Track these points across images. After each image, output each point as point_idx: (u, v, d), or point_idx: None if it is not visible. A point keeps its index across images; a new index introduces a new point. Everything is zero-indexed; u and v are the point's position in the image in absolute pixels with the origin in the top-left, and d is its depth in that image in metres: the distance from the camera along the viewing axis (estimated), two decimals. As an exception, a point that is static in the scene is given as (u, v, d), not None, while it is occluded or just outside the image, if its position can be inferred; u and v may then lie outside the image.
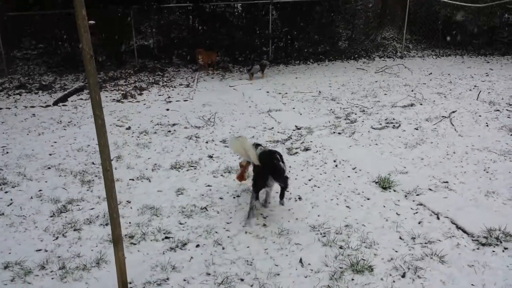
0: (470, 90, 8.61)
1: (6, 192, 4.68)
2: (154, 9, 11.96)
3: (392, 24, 15.00)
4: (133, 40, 12.44)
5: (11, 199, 4.48)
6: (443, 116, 6.83)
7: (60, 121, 7.44)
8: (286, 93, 9.06)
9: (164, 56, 13.08)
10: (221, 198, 4.42)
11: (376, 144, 5.86)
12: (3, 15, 11.57)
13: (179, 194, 4.54)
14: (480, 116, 6.82)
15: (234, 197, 4.43)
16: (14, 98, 9.35)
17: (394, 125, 6.57)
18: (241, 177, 4.59)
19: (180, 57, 13.02)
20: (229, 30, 12.59)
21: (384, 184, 4.50)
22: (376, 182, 4.62)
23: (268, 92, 9.22)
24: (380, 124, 6.71)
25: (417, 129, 6.35)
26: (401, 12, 13.66)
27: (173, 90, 9.69)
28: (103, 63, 12.69)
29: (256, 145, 4.36)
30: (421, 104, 7.65)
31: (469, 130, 6.20)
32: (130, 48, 12.66)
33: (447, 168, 4.94)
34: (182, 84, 10.27)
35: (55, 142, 6.37)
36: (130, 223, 3.93)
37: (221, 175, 5.01)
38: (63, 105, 8.56)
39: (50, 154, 5.85)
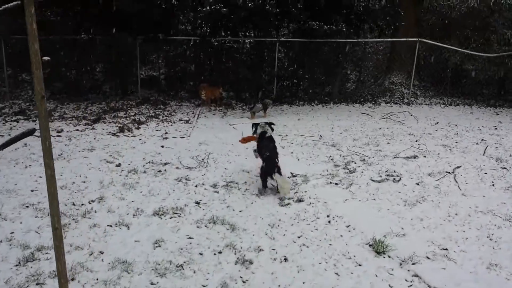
0: (477, 143, 8.31)
1: (-25, 231, 4.40)
2: (161, 40, 11.94)
3: (400, 69, 14.87)
4: (138, 71, 12.38)
5: (-19, 240, 4.20)
6: (446, 172, 6.51)
7: (50, 153, 7.21)
8: (286, 135, 8.81)
9: (168, 89, 12.99)
10: (201, 254, 4.10)
11: (374, 199, 5.53)
12: (10, 38, 11.60)
13: (156, 246, 4.22)
14: (486, 173, 6.49)
15: (215, 254, 4.11)
16: (10, 125, 9.21)
17: (394, 179, 6.25)
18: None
19: (184, 91, 12.92)
20: (235, 66, 12.53)
21: (378, 248, 4.16)
22: (370, 245, 4.28)
23: (268, 133, 8.98)
24: (380, 176, 6.40)
25: (418, 185, 6.03)
26: (410, 58, 13.55)
27: (171, 125, 9.49)
28: (106, 93, 12.63)
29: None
30: (424, 157, 7.34)
31: (474, 189, 5.87)
32: (135, 79, 12.58)
33: (447, 232, 4.59)
34: (182, 120, 10.08)
35: (40, 176, 6.11)
36: (97, 279, 3.61)
37: (205, 226, 4.70)
38: (57, 135, 8.37)
39: (32, 191, 5.59)
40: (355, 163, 7.05)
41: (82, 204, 5.20)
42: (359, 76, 14.59)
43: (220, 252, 4.14)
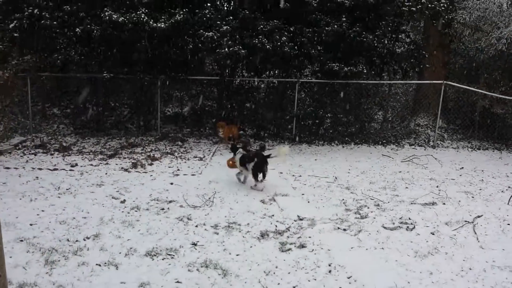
0: (502, 191, 7.79)
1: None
2: (181, 80, 12.12)
3: (427, 111, 14.47)
4: (159, 108, 12.54)
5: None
6: (466, 221, 6.07)
7: (59, 187, 7.22)
8: (300, 176, 8.55)
9: (187, 126, 13.07)
10: (185, 301, 3.85)
11: (382, 248, 5.17)
12: (38, 76, 12.06)
13: (140, 290, 4.01)
14: (508, 224, 6.01)
15: (200, 301, 3.85)
16: (28, 157, 9.37)
17: (408, 227, 5.86)
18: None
19: (203, 128, 12.96)
20: (254, 105, 12.51)
21: (378, 305, 3.80)
22: (369, 300, 3.92)
23: (281, 173, 8.76)
24: (393, 223, 6.02)
25: (433, 234, 5.62)
26: (436, 100, 13.19)
27: (185, 162, 9.42)
28: (129, 129, 12.81)
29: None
30: (443, 204, 6.91)
31: (493, 241, 5.41)
32: (156, 116, 12.74)
33: (458, 289, 4.18)
34: (196, 157, 10.01)
35: (43, 211, 6.09)
36: (69, 324, 3.42)
37: (197, 269, 4.47)
38: (70, 170, 8.42)
39: (31, 224, 5.54)
40: (368, 207, 6.70)
41: (77, 241, 5.08)
42: (383, 117, 14.27)
43: (206, 301, 3.89)
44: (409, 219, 6.19)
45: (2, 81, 9.81)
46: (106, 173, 8.29)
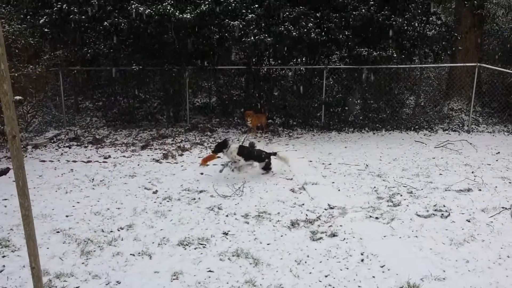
0: (542, 176, 7.49)
1: (3, 256, 4.50)
2: (209, 70, 12.15)
3: (461, 94, 14.01)
4: (187, 99, 12.64)
5: (3, 266, 4.27)
6: (503, 207, 5.85)
7: (93, 179, 7.41)
8: (330, 164, 8.46)
9: (216, 116, 13.14)
10: (217, 290, 3.88)
11: (416, 236, 5.05)
12: (69, 70, 12.35)
13: (174, 279, 4.07)
14: (550, 210, 5.76)
15: (232, 290, 3.88)
16: (62, 150, 9.64)
17: (442, 214, 5.71)
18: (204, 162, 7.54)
19: (232, 118, 12.99)
20: (282, 94, 12.43)
21: (412, 294, 3.73)
22: (403, 289, 3.85)
23: (311, 161, 8.69)
24: (427, 210, 5.87)
25: (469, 221, 5.45)
26: (470, 83, 12.74)
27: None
28: (159, 120, 12.98)
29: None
30: (479, 190, 6.69)
31: (533, 228, 5.20)
32: (185, 107, 12.86)
33: (495, 277, 4.04)
34: (226, 147, 10.05)
35: (78, 202, 6.26)
36: (106, 312, 3.51)
37: (229, 259, 4.49)
38: (103, 162, 8.62)
39: (66, 216, 5.70)
40: (401, 195, 6.56)
41: (111, 231, 5.20)
42: (415, 102, 13.90)
43: (239, 289, 3.91)
44: (444, 206, 6.02)
45: (35, 76, 10.09)
46: (138, 164, 8.44)
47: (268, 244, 4.85)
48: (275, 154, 7.82)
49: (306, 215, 5.75)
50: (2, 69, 1.94)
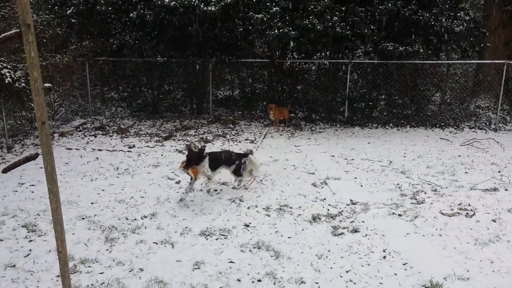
0: None
1: (30, 240, 4.64)
2: (232, 62, 12.16)
3: (488, 92, 13.67)
4: (210, 91, 12.70)
5: (30, 250, 4.40)
6: (531, 208, 5.72)
7: (117, 168, 7.54)
8: (353, 159, 8.39)
9: (239, 109, 13.17)
10: (238, 280, 3.92)
11: (440, 235, 4.98)
12: (96, 60, 12.55)
13: (195, 268, 4.12)
14: None
15: (253, 282, 3.90)
16: (88, 139, 9.83)
17: (467, 213, 5.61)
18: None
19: (255, 111, 13.00)
20: (305, 87, 12.35)
21: (435, 293, 3.68)
22: (426, 288, 3.80)
23: (333, 156, 8.64)
24: (452, 209, 5.78)
25: (494, 221, 5.34)
26: (499, 80, 12.42)
27: (236, 144, 9.52)
28: (183, 111, 13.09)
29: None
30: (506, 190, 6.53)
31: None
32: (208, 99, 12.93)
33: (523, 279, 3.96)
34: (248, 139, 10.08)
35: (103, 190, 6.38)
36: (130, 297, 3.58)
37: (250, 250, 4.52)
38: (127, 151, 8.75)
39: (92, 203, 5.82)
40: (425, 193, 6.46)
41: (135, 219, 5.29)
42: (441, 99, 13.63)
43: (259, 281, 3.93)
44: (469, 205, 5.91)
45: (62, 65, 10.28)
46: (161, 155, 8.54)
47: (289, 238, 4.86)
48: (246, 155, 6.56)
49: (328, 209, 5.73)
50: (32, 57, 1.98)
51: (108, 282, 3.78)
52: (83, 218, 5.27)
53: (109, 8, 11.04)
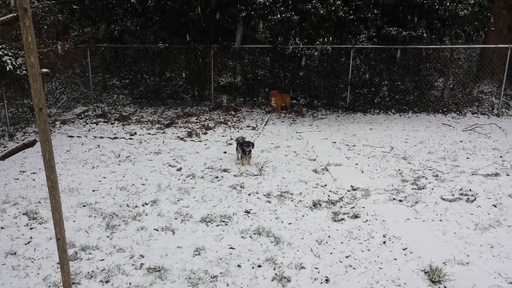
0: None
1: (31, 228, 4.67)
2: (234, 48, 12.09)
3: (491, 77, 13.55)
4: (212, 78, 12.65)
5: (31, 237, 4.44)
6: (532, 194, 5.70)
7: (119, 155, 7.55)
8: (354, 146, 8.37)
9: (240, 96, 13.13)
10: (239, 266, 3.94)
11: (440, 220, 4.98)
12: (97, 47, 12.50)
13: (196, 254, 4.15)
14: None
15: (253, 267, 3.92)
16: (89, 126, 9.83)
17: (468, 198, 5.60)
18: None
19: (256, 98, 12.95)
20: (307, 73, 12.28)
21: (434, 277, 3.69)
22: (425, 272, 3.81)
23: (334, 142, 8.62)
24: (453, 194, 5.77)
25: (495, 206, 5.34)
26: (502, 65, 12.30)
27: (238, 132, 9.50)
28: (184, 99, 13.06)
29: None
30: (507, 175, 6.51)
31: None
32: (210, 86, 12.88)
33: (522, 264, 3.96)
34: (249, 126, 10.06)
35: (104, 177, 6.40)
36: (130, 284, 3.61)
37: (250, 236, 4.54)
38: (129, 138, 8.76)
39: (93, 190, 5.85)
40: (426, 178, 6.45)
41: (136, 206, 5.32)
42: (444, 84, 13.53)
43: (259, 266, 3.95)
44: (470, 190, 5.91)
45: (63, 52, 10.25)
46: (163, 142, 8.55)
47: (289, 224, 4.88)
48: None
49: (329, 196, 5.74)
50: (29, 41, 1.96)
51: (108, 268, 3.81)
52: (84, 206, 5.30)
53: (110, -6, 10.98)
